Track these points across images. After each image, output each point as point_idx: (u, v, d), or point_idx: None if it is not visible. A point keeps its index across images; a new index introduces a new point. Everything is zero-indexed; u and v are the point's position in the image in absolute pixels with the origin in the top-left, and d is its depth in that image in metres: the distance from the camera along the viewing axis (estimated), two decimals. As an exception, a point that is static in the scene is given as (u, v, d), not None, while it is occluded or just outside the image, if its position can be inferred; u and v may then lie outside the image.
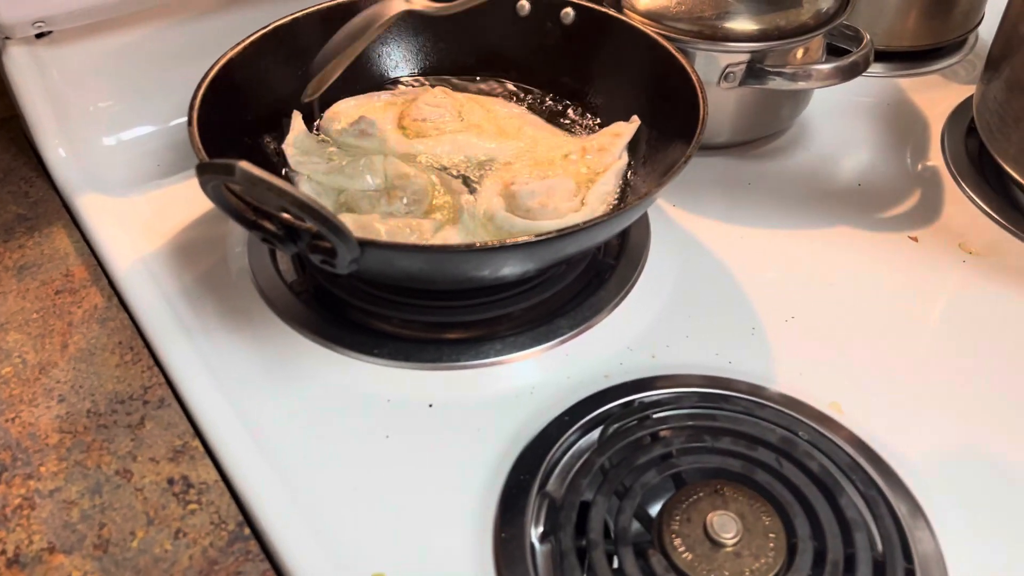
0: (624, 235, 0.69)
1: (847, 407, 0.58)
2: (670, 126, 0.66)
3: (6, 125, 0.83)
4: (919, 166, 0.80)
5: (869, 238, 0.72)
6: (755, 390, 0.58)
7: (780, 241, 0.72)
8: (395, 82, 0.77)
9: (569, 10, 0.74)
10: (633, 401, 0.57)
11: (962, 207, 0.75)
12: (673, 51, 0.66)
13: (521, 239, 0.51)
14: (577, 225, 0.51)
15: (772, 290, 0.67)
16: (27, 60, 0.70)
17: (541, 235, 0.51)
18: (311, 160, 0.69)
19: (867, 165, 0.80)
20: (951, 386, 0.60)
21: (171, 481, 0.54)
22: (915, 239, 0.72)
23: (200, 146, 0.56)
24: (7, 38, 0.68)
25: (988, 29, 0.76)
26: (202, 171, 0.46)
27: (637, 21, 0.72)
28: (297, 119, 0.71)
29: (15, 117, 0.78)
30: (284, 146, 0.69)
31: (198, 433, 0.56)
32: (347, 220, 0.63)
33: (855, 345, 0.63)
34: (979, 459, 0.56)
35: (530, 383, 0.59)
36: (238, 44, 0.66)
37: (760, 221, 0.73)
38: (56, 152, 0.73)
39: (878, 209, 0.75)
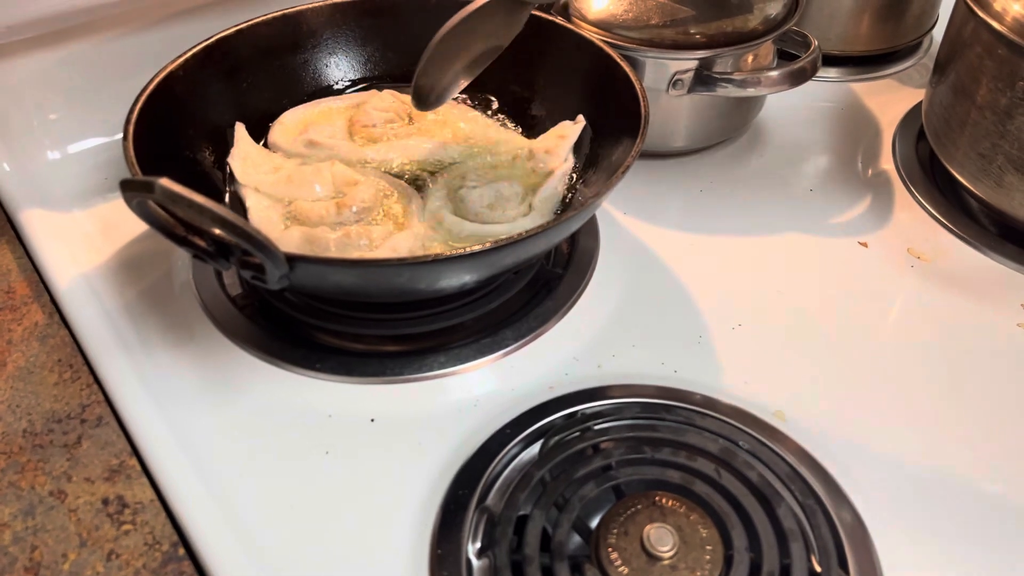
0: (573, 243, 0.69)
1: (791, 416, 0.58)
2: (616, 132, 0.66)
3: (-47, 139, 0.82)
4: (870, 171, 0.80)
5: (819, 244, 0.72)
6: (699, 399, 0.58)
7: (730, 248, 0.71)
8: (342, 92, 0.77)
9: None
10: (576, 412, 0.57)
11: (912, 212, 0.75)
12: (617, 58, 0.66)
13: (454, 252, 0.50)
14: (512, 237, 0.51)
15: (720, 298, 0.67)
16: (-34, 75, 0.69)
17: (476, 248, 0.50)
18: (257, 172, 0.68)
19: (819, 170, 0.80)
20: (896, 393, 0.60)
21: (106, 501, 0.53)
22: (864, 245, 0.72)
23: (134, 161, 0.56)
24: (-56, 53, 0.67)
25: (942, 32, 0.76)
26: (124, 188, 0.45)
27: (585, 29, 0.72)
28: (241, 131, 0.70)
29: (-39, 131, 0.77)
30: (230, 159, 0.69)
31: (135, 452, 0.56)
32: (295, 233, 0.63)
33: (801, 353, 0.63)
34: (922, 468, 0.55)
35: (474, 396, 0.59)
36: (179, 57, 0.66)
37: (711, 228, 0.73)
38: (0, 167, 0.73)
39: (829, 215, 0.75)
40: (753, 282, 0.68)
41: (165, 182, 0.43)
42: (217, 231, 0.49)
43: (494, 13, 0.62)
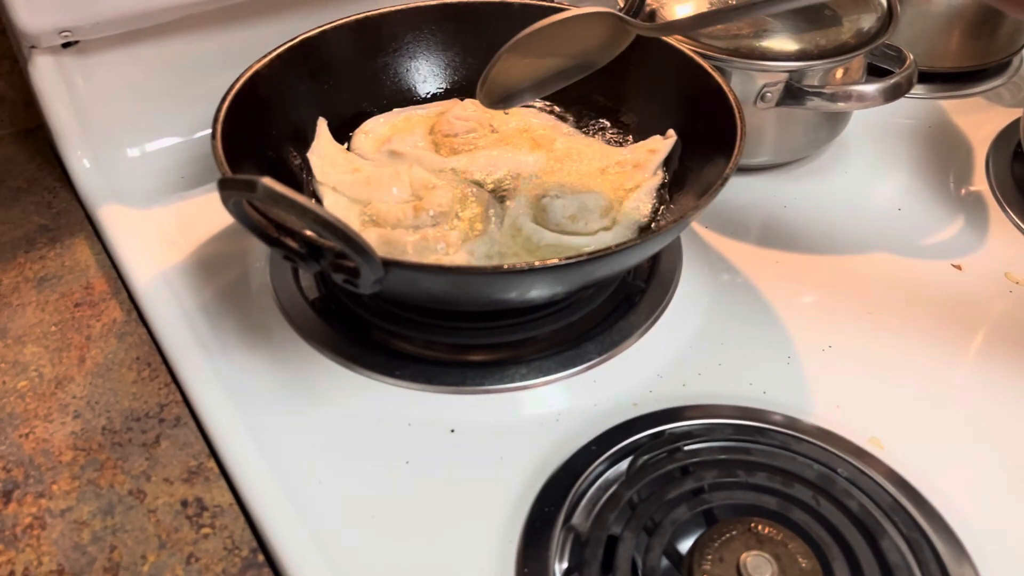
0: (655, 257, 0.67)
1: (887, 442, 0.55)
2: (705, 146, 0.64)
3: (34, 135, 0.83)
4: (962, 191, 0.77)
5: (910, 265, 0.69)
6: (791, 422, 0.56)
7: (817, 266, 0.69)
8: (423, 99, 0.76)
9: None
10: (663, 432, 0.55)
11: (1008, 234, 0.72)
12: (709, 69, 0.64)
13: (551, 262, 0.49)
14: (609, 248, 0.49)
15: (808, 317, 0.64)
16: (53, 69, 0.70)
17: (571, 258, 0.49)
18: (336, 172, 0.68)
19: (908, 189, 0.77)
20: (998, 422, 0.57)
21: (185, 503, 0.52)
22: (958, 267, 0.69)
23: (223, 160, 0.55)
24: (33, 47, 0.68)
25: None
26: (224, 187, 0.44)
27: (671, 38, 0.70)
28: (323, 127, 0.70)
29: (43, 127, 0.78)
30: (309, 155, 0.68)
31: (213, 454, 0.55)
32: (372, 234, 0.62)
33: (896, 377, 0.60)
34: (1028, 502, 0.53)
35: (556, 410, 0.57)
36: (264, 57, 0.65)
37: (796, 245, 0.71)
38: (80, 163, 0.73)
39: (919, 235, 0.72)
40: (842, 302, 0.66)
41: (268, 181, 0.42)
42: (312, 233, 0.48)
43: (594, 27, 0.59)
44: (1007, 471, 0.55)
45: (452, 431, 0.56)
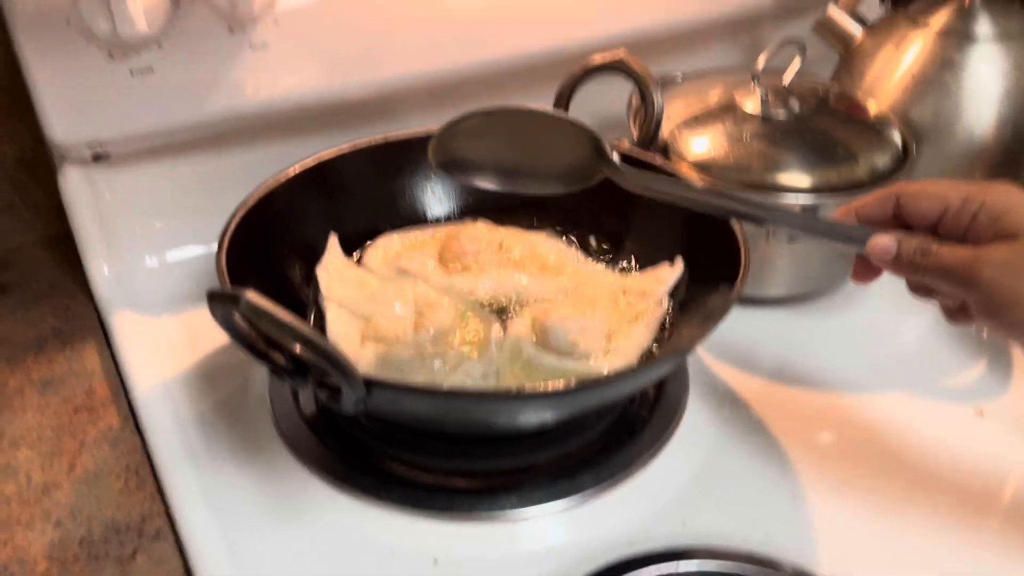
0: (660, 387, 0.66)
1: (899, 599, 0.52)
2: (711, 276, 0.63)
3: (63, 241, 0.85)
4: (985, 332, 0.75)
5: (929, 408, 0.67)
6: (794, 572, 0.53)
7: (831, 405, 0.67)
8: (436, 219, 0.77)
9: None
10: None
11: (1033, 380, 0.69)
12: (717, 201, 0.64)
13: (539, 389, 0.48)
14: (600, 378, 0.48)
15: (819, 458, 0.62)
16: (81, 180, 0.72)
17: (560, 387, 0.48)
18: (343, 287, 0.68)
19: (929, 328, 0.75)
20: (1021, 582, 0.53)
21: (151, 626, 0.50)
22: (980, 413, 0.66)
23: (225, 272, 0.56)
24: (63, 158, 0.70)
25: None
26: (211, 299, 0.45)
27: (682, 164, 0.71)
28: (334, 242, 0.71)
29: (71, 233, 0.80)
30: (318, 270, 0.69)
31: (188, 572, 0.53)
32: (370, 350, 0.62)
33: (908, 526, 0.57)
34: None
35: (546, 544, 0.55)
36: (280, 175, 0.67)
37: (810, 382, 0.69)
38: (100, 270, 0.74)
39: (940, 377, 0.70)
40: (855, 444, 0.63)
41: (251, 295, 0.42)
42: (298, 349, 0.48)
43: (574, 144, 0.60)
44: (1031, 639, 0.50)
45: (435, 562, 0.54)
